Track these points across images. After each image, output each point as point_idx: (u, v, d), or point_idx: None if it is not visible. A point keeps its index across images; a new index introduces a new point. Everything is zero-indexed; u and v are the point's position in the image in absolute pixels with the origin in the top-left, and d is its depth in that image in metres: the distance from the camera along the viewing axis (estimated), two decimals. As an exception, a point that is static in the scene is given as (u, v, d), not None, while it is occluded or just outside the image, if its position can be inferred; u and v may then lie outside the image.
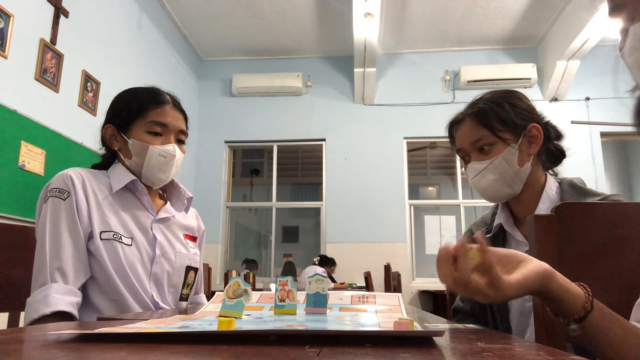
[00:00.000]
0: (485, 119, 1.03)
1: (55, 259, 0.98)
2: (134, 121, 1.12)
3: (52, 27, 3.27)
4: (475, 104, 1.08)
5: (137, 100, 1.13)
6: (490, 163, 1.02)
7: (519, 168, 1.02)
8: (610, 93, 5.65)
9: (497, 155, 1.02)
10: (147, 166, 1.11)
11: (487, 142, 1.03)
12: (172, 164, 1.13)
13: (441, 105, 5.81)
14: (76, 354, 0.37)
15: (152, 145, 1.10)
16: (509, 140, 1.02)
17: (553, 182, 1.06)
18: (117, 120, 1.14)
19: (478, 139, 1.04)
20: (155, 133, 1.11)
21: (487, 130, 1.03)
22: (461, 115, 1.10)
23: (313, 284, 0.72)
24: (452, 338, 0.51)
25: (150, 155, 1.10)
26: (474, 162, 1.06)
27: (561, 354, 0.37)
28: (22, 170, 2.92)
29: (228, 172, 6.18)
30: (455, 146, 1.12)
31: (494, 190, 1.05)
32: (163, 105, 1.13)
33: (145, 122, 1.11)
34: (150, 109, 1.12)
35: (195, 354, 0.37)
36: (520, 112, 1.04)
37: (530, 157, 1.04)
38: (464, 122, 1.08)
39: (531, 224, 0.78)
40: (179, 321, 0.59)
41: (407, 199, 5.77)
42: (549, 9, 5.15)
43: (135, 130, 1.11)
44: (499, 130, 1.02)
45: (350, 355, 0.37)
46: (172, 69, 5.40)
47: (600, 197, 0.96)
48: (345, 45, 5.72)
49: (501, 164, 1.02)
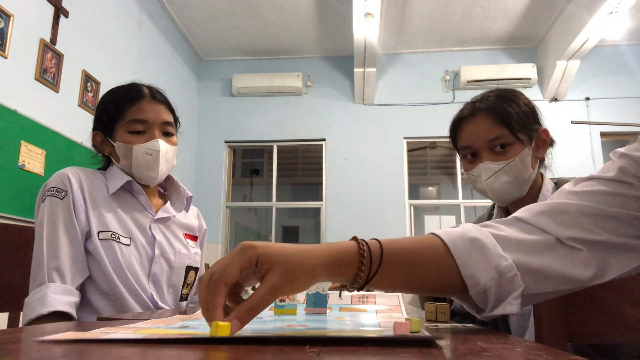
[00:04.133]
0: (506, 116, 0.98)
1: (53, 258, 0.97)
2: (116, 123, 1.10)
3: (52, 27, 3.26)
4: (487, 98, 1.02)
5: (114, 102, 1.11)
6: (507, 164, 0.98)
7: (532, 171, 1.00)
8: (610, 93, 5.65)
9: (514, 157, 0.97)
10: (135, 166, 1.10)
11: (506, 141, 0.98)
12: (159, 160, 1.10)
13: (441, 105, 5.81)
14: (76, 354, 0.37)
15: (136, 145, 1.08)
16: (525, 142, 0.98)
17: (549, 183, 1.05)
18: (101, 125, 1.13)
19: (496, 137, 0.98)
20: (137, 132, 1.09)
21: (506, 129, 0.97)
22: (472, 109, 1.03)
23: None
24: (452, 338, 0.51)
25: (136, 155, 1.08)
26: (488, 161, 1.00)
27: (561, 354, 0.37)
28: (22, 170, 2.92)
29: (228, 172, 6.18)
30: (462, 142, 1.05)
31: (506, 192, 1.00)
32: (139, 101, 1.10)
33: (125, 122, 1.09)
34: (126, 107, 1.09)
35: (195, 354, 0.37)
36: (533, 114, 1.02)
37: (537, 160, 1.02)
38: (476, 117, 1.01)
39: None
40: (179, 321, 0.59)
41: (407, 199, 5.77)
42: (549, 9, 5.14)
43: (119, 133, 1.10)
44: (517, 131, 0.98)
45: (350, 355, 0.37)
46: (172, 69, 5.40)
47: None
48: (345, 45, 5.72)
49: (517, 166, 0.98)
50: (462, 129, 1.04)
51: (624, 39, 5.57)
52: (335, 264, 0.52)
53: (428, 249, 0.58)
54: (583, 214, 0.59)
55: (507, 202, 1.05)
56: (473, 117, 1.02)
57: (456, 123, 1.06)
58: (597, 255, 0.58)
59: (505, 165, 0.98)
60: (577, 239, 0.58)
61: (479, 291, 0.57)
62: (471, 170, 1.04)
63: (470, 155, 1.05)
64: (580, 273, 0.57)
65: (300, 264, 0.49)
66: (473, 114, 1.02)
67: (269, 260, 0.48)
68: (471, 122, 1.02)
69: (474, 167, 1.03)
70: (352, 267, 0.53)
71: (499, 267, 0.56)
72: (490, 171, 1.00)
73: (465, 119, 1.04)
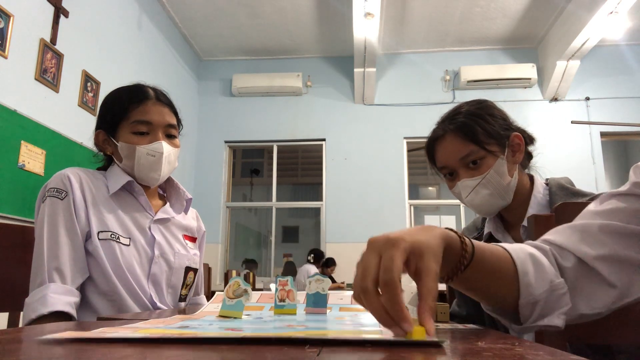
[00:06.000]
0: (472, 133, 1.00)
1: (53, 258, 0.97)
2: (119, 123, 1.10)
3: (52, 27, 3.27)
4: (453, 118, 1.04)
5: (119, 102, 1.11)
6: (483, 178, 1.00)
7: (510, 179, 1.01)
8: (610, 93, 5.65)
9: (488, 169, 0.99)
10: (137, 167, 1.10)
11: (477, 156, 1.00)
12: (162, 161, 1.10)
13: (441, 105, 5.78)
14: (76, 354, 0.37)
15: (139, 146, 1.08)
16: (496, 152, 1.00)
17: (541, 185, 1.06)
18: (105, 124, 1.12)
19: (467, 154, 1.00)
20: (140, 132, 1.09)
21: (474, 145, 1.00)
22: (441, 130, 1.05)
23: (313, 284, 0.72)
24: (452, 338, 0.51)
25: (139, 156, 1.08)
26: (464, 179, 1.02)
27: (561, 354, 0.37)
28: (22, 170, 2.92)
29: (228, 172, 6.18)
30: (438, 163, 1.07)
31: (489, 205, 1.03)
32: (145, 102, 1.10)
33: (129, 123, 1.09)
34: (131, 108, 1.09)
35: (195, 354, 0.37)
36: (501, 122, 1.03)
37: (515, 165, 1.04)
38: (445, 138, 1.04)
39: (531, 224, 0.78)
40: (179, 321, 0.59)
41: (407, 199, 5.77)
42: (549, 9, 5.15)
43: (122, 133, 1.10)
44: (486, 144, 1.00)
45: (350, 355, 0.37)
46: (172, 69, 5.40)
47: (589, 197, 0.95)
48: (345, 45, 5.72)
49: (494, 178, 1.00)
50: (436, 151, 1.07)
51: (624, 39, 5.57)
52: (447, 247, 0.53)
53: (499, 251, 0.60)
54: (606, 232, 0.60)
55: (493, 213, 1.07)
56: (443, 139, 1.04)
57: (430, 145, 1.09)
58: (622, 274, 0.59)
59: (482, 179, 1.00)
60: (600, 258, 0.59)
61: (529, 302, 0.59)
62: (453, 188, 1.07)
63: (449, 175, 1.07)
64: (603, 294, 0.59)
65: (436, 247, 0.50)
66: (443, 135, 1.04)
67: (419, 248, 0.48)
68: (442, 143, 1.05)
69: (454, 184, 1.06)
70: (455, 254, 0.55)
71: (553, 283, 0.59)
72: (468, 188, 1.02)
73: (437, 141, 1.06)
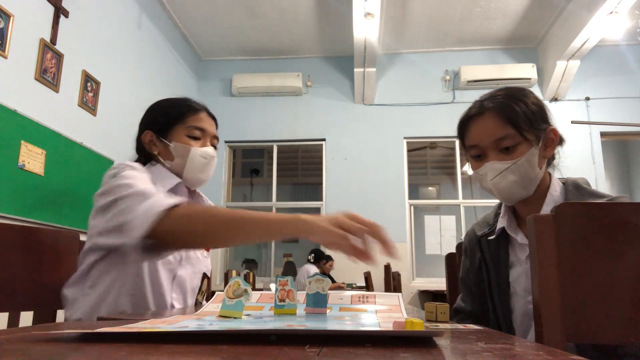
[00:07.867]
0: (513, 115, 0.97)
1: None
2: (174, 126, 1.17)
3: (52, 27, 3.27)
4: (494, 97, 1.02)
5: (176, 108, 1.21)
6: (513, 164, 0.97)
7: (538, 171, 1.00)
8: (610, 93, 5.65)
9: (521, 156, 0.97)
10: (188, 167, 1.16)
11: (512, 141, 0.97)
12: (212, 165, 1.21)
13: (441, 105, 5.81)
14: (76, 354, 0.37)
15: (194, 147, 1.16)
16: (532, 141, 0.98)
17: (557, 183, 1.04)
18: (156, 126, 1.18)
19: (503, 136, 0.98)
20: (194, 137, 1.18)
21: (512, 128, 0.97)
22: (479, 108, 1.02)
23: (313, 284, 0.72)
24: (452, 338, 0.51)
25: (193, 156, 1.16)
26: (494, 161, 0.99)
27: (561, 354, 0.37)
28: (22, 170, 2.92)
29: (228, 172, 6.18)
30: (469, 141, 1.04)
31: (512, 192, 1.00)
32: (200, 112, 1.23)
33: (185, 127, 1.17)
34: (188, 114, 1.19)
35: (195, 353, 0.37)
36: (541, 113, 1.01)
37: (544, 160, 1.02)
38: (483, 117, 1.01)
39: (531, 224, 0.78)
40: (179, 321, 0.59)
41: (407, 199, 5.76)
42: (549, 9, 5.15)
43: (176, 135, 1.17)
44: (524, 130, 0.97)
45: (350, 355, 0.37)
46: (172, 68, 5.40)
47: (606, 198, 0.94)
48: (345, 45, 5.72)
49: (524, 166, 0.97)
50: (470, 128, 1.04)
51: (624, 39, 5.57)
52: None
53: None
54: None
55: (514, 201, 1.04)
56: (480, 116, 1.01)
57: (464, 121, 1.06)
58: None
59: (512, 164, 0.98)
60: None
61: None
62: (478, 169, 1.04)
63: (477, 154, 1.04)
64: None
65: None
66: (480, 113, 1.01)
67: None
68: (478, 121, 1.02)
69: (480, 165, 1.03)
70: None
71: None
72: (496, 170, 0.99)
73: (473, 118, 1.03)
